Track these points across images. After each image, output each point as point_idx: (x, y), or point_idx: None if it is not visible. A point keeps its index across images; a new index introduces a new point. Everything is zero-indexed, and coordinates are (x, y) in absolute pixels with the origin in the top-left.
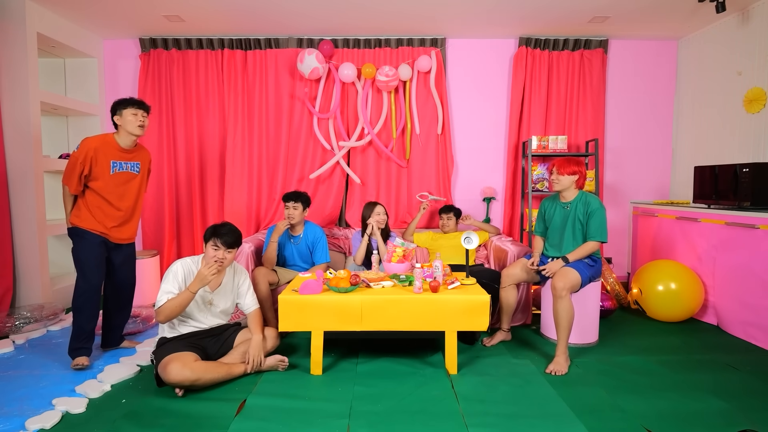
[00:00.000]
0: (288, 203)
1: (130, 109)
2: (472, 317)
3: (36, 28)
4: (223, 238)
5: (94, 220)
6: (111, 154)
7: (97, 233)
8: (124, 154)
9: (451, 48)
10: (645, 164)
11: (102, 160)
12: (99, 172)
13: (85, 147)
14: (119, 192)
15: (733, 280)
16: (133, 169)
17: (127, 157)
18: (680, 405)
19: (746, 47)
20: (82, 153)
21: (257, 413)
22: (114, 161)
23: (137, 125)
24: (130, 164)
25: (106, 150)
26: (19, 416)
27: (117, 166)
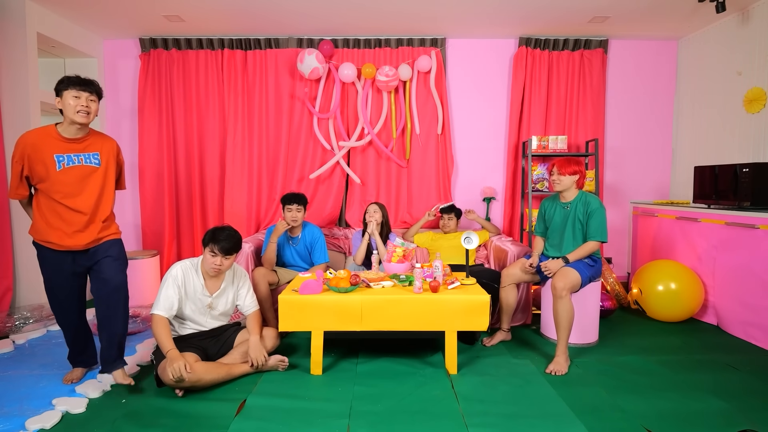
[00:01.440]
0: (291, 206)
1: (71, 90)
2: (472, 317)
3: (36, 28)
4: (220, 244)
5: (49, 229)
6: (53, 146)
7: (54, 247)
8: (70, 145)
9: (451, 48)
10: (645, 164)
11: (42, 156)
12: (43, 171)
13: (19, 143)
14: (74, 190)
15: (733, 280)
16: (90, 161)
17: (77, 148)
18: (680, 405)
19: (746, 47)
20: (18, 150)
21: (257, 413)
22: (59, 155)
23: (76, 110)
24: (85, 156)
25: (47, 143)
26: (19, 416)
27: (65, 160)
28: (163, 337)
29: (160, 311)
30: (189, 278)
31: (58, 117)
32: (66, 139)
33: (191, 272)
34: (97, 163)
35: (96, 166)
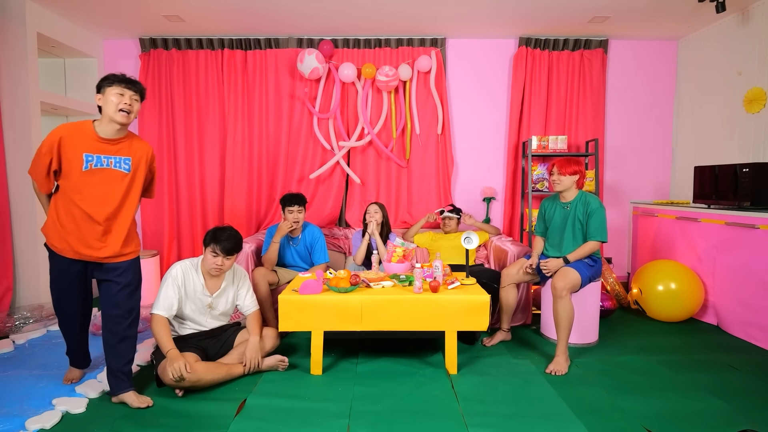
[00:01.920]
0: (292, 207)
1: (115, 87)
2: (472, 317)
3: (36, 28)
4: (222, 244)
5: (63, 233)
6: (84, 144)
7: (67, 255)
8: (104, 146)
9: (451, 48)
10: (645, 164)
11: (71, 152)
12: (68, 168)
13: (51, 135)
14: (96, 195)
15: (733, 280)
16: (120, 165)
17: (110, 150)
18: (680, 405)
19: (746, 47)
20: (47, 142)
21: (257, 413)
22: (88, 154)
23: (118, 109)
24: (115, 159)
25: (79, 139)
26: (19, 416)
27: (93, 161)
28: (163, 337)
29: (159, 311)
30: (189, 278)
31: (58, 117)
32: (101, 138)
33: (191, 272)
34: (127, 169)
35: (125, 172)
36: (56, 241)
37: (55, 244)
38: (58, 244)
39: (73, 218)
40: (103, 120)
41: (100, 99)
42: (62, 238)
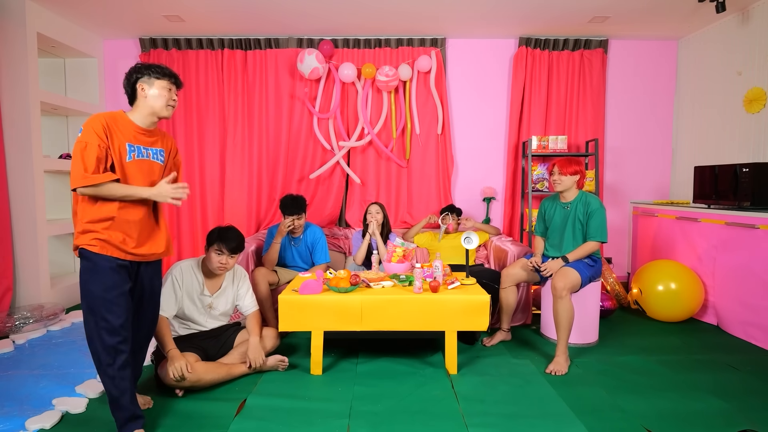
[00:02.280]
0: (291, 216)
1: (164, 81)
2: (472, 317)
3: (36, 28)
4: (228, 243)
5: (107, 232)
6: (127, 134)
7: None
8: (142, 137)
9: (451, 48)
10: (645, 164)
11: (116, 141)
12: (115, 158)
13: (95, 122)
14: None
15: (733, 280)
16: (156, 157)
17: (147, 141)
18: (680, 405)
19: (746, 47)
20: (93, 129)
21: (257, 413)
22: (130, 144)
23: (167, 104)
24: (153, 151)
25: (121, 128)
26: (19, 416)
27: (135, 151)
28: (163, 337)
29: (161, 311)
30: (189, 278)
31: (58, 117)
32: (140, 129)
33: (192, 272)
34: (162, 161)
35: (160, 164)
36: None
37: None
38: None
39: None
40: (141, 111)
41: (143, 89)
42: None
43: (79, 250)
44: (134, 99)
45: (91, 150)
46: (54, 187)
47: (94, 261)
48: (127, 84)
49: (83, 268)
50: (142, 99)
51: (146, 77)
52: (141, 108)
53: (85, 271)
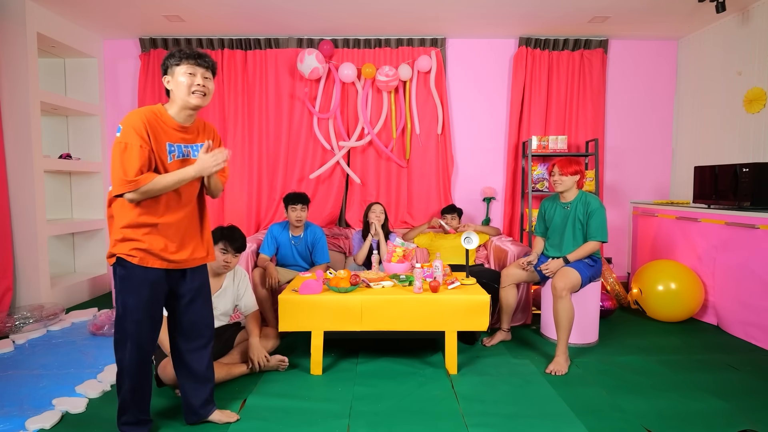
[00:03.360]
0: (296, 205)
1: (184, 65)
2: (472, 317)
3: (36, 28)
4: (233, 242)
5: (148, 239)
6: (166, 132)
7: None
8: (181, 134)
9: (451, 48)
10: (645, 164)
11: (156, 141)
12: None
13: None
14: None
15: (733, 280)
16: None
17: (187, 138)
18: (680, 405)
19: (746, 47)
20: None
21: (257, 413)
22: (171, 144)
23: (191, 90)
24: (193, 147)
25: (161, 127)
26: (19, 416)
27: (175, 151)
28: (166, 339)
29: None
30: None
31: (58, 117)
32: (178, 125)
33: None
34: None
35: None
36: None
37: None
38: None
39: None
40: (174, 105)
41: (168, 81)
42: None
43: (116, 258)
44: (168, 92)
45: (131, 152)
46: (54, 187)
47: (133, 272)
48: (163, 77)
49: (120, 277)
50: (171, 90)
51: (168, 66)
52: (172, 102)
53: (122, 281)
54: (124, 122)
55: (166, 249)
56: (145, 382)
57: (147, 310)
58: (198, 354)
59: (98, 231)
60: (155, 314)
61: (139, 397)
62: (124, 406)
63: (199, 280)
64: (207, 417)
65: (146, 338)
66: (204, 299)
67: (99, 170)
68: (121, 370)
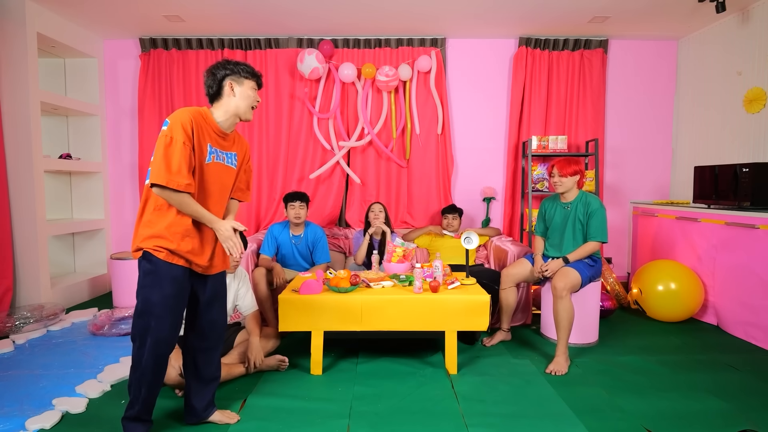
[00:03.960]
0: (294, 202)
1: (253, 81)
2: (472, 317)
3: (36, 28)
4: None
5: (176, 237)
6: (209, 134)
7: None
8: (221, 139)
9: (451, 48)
10: (645, 164)
11: (199, 141)
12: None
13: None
14: (213, 190)
15: (733, 280)
16: (231, 161)
17: (224, 144)
18: (680, 405)
19: (746, 47)
20: (180, 126)
21: (257, 413)
22: (211, 146)
23: (251, 106)
24: (227, 155)
25: (205, 128)
26: (19, 416)
27: (214, 154)
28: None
29: None
30: None
31: (58, 117)
32: (219, 130)
33: None
34: (235, 166)
35: (234, 169)
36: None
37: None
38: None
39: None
40: (225, 110)
41: (231, 86)
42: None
43: (143, 252)
44: (218, 97)
45: (176, 147)
46: (54, 187)
47: (158, 266)
48: (212, 80)
49: (145, 271)
50: (228, 97)
51: (236, 75)
52: (225, 106)
53: (146, 275)
54: (173, 117)
55: (194, 253)
56: (157, 381)
57: (169, 306)
58: (210, 354)
59: (98, 231)
60: (177, 312)
61: (149, 396)
62: (133, 401)
63: (220, 284)
64: (207, 418)
65: (166, 336)
66: (222, 302)
67: (99, 170)
68: (136, 366)
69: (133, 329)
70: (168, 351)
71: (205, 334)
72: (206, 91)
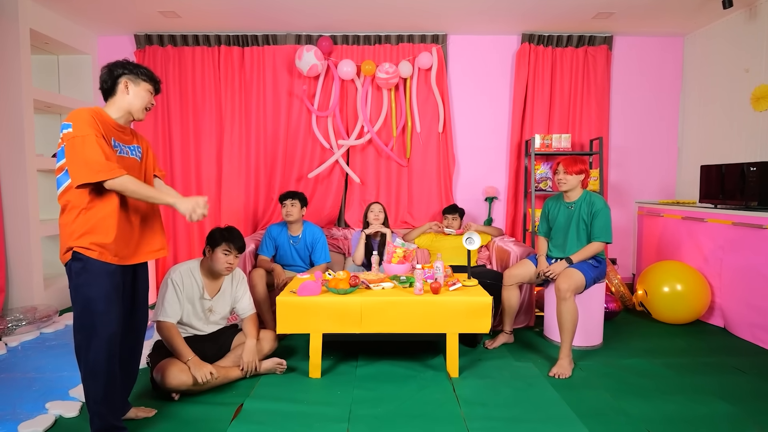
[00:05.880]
0: (285, 201)
1: (149, 84)
2: (474, 319)
3: (29, 24)
4: (236, 243)
5: (100, 234)
6: (109, 131)
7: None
8: (121, 134)
9: (453, 44)
10: (650, 163)
11: (106, 138)
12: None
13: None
14: None
15: (741, 282)
16: (135, 154)
17: (125, 139)
18: (686, 409)
19: (753, 44)
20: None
21: (255, 417)
22: (114, 140)
23: (145, 107)
24: (131, 148)
25: (103, 124)
26: (12, 420)
27: (118, 148)
28: (179, 345)
29: (168, 318)
30: (189, 282)
31: (52, 115)
32: (118, 125)
33: (191, 276)
34: (140, 158)
35: (139, 161)
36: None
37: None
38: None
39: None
40: (119, 108)
41: (126, 86)
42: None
43: (72, 252)
44: (111, 93)
45: (91, 142)
46: (47, 187)
47: (90, 264)
48: (107, 77)
49: (77, 271)
50: (122, 94)
51: (133, 75)
52: (119, 103)
53: (80, 274)
54: (74, 118)
55: (122, 249)
56: (114, 382)
57: (111, 300)
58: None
59: None
60: (118, 305)
61: (111, 399)
62: (95, 413)
63: (144, 277)
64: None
65: (114, 331)
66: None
67: None
68: (89, 374)
69: (77, 336)
70: (116, 349)
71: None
72: (100, 86)
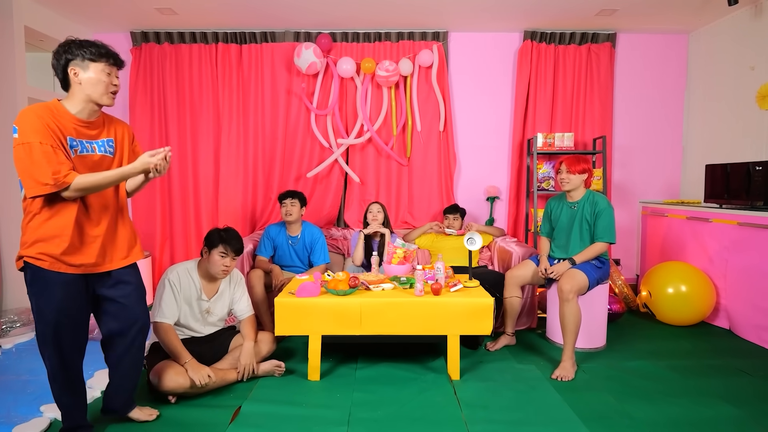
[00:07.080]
0: (285, 200)
1: (102, 63)
2: (476, 321)
3: (24, 21)
4: (232, 245)
5: (53, 243)
6: (66, 127)
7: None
8: (84, 129)
9: (454, 42)
10: (654, 162)
11: (59, 136)
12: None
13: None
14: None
15: (746, 283)
16: (104, 149)
17: (89, 134)
18: (691, 411)
19: (759, 41)
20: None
21: (253, 420)
22: (72, 138)
23: (109, 90)
24: (98, 143)
25: (58, 121)
26: (7, 423)
27: (78, 146)
28: (177, 347)
29: (165, 319)
30: (187, 283)
31: None
32: (79, 120)
33: (188, 276)
34: (111, 153)
35: (110, 156)
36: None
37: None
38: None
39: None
40: (77, 100)
41: (75, 73)
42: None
43: (24, 261)
44: (67, 85)
45: (36, 151)
46: None
47: (40, 273)
48: (57, 66)
49: (28, 281)
50: (75, 85)
51: (78, 59)
52: (77, 95)
53: (30, 284)
54: (19, 122)
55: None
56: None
57: (61, 311)
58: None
59: None
60: (72, 316)
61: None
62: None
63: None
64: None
65: (68, 342)
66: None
67: None
68: (49, 377)
69: (37, 341)
70: (76, 356)
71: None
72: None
